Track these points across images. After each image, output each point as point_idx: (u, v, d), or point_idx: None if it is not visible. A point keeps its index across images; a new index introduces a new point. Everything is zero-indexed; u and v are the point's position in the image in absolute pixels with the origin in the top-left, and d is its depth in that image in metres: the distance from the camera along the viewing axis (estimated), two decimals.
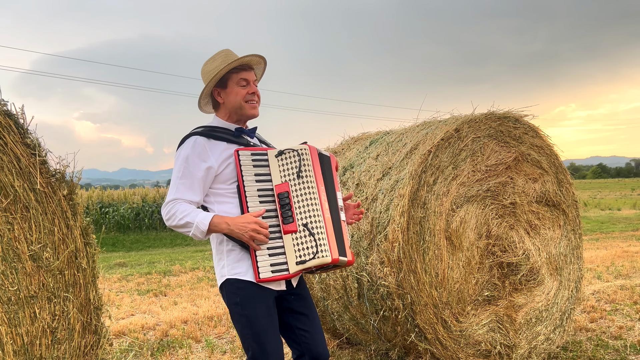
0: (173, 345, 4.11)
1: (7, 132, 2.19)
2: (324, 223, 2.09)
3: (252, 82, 2.27)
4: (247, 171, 2.11)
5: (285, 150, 2.15)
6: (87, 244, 2.44)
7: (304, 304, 2.25)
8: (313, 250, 2.05)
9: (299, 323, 2.22)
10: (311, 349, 2.20)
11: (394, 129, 4.03)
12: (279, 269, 2.07)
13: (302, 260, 2.05)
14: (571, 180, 4.09)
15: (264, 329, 2.08)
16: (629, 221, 16.80)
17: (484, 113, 3.57)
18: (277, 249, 2.08)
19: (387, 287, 3.08)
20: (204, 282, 7.11)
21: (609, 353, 3.72)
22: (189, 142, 2.16)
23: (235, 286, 2.11)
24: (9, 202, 2.20)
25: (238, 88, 2.24)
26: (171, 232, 16.82)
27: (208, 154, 2.13)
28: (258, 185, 2.12)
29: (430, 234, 3.22)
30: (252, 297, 2.09)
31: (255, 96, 2.28)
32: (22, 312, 2.21)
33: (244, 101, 2.24)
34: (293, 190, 2.10)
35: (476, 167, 3.50)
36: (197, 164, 2.11)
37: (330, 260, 2.05)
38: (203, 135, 2.17)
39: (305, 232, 2.06)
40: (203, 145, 2.14)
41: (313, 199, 2.10)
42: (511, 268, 3.65)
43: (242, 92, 2.24)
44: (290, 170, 2.12)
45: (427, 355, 3.16)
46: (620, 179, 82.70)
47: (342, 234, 2.17)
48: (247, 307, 2.09)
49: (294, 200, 2.09)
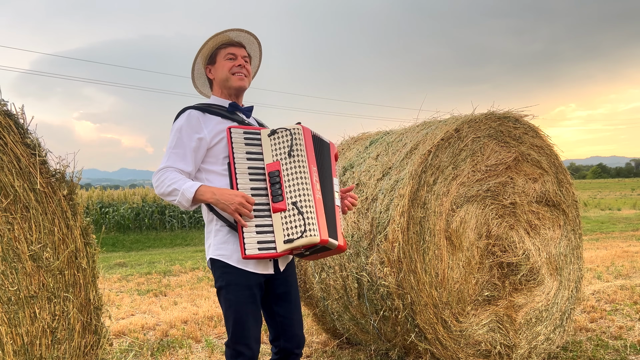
0: (173, 345, 4.11)
1: (7, 132, 2.19)
2: (313, 203, 2.07)
3: (240, 57, 2.31)
4: (238, 149, 2.11)
5: (278, 130, 2.14)
6: (87, 244, 2.44)
7: (287, 290, 2.29)
8: (301, 228, 2.02)
9: (279, 308, 2.28)
10: (287, 332, 2.28)
11: (394, 129, 4.03)
12: (266, 247, 2.06)
13: (289, 239, 2.02)
14: (571, 180, 4.09)
15: (245, 315, 2.13)
16: (629, 221, 16.80)
17: (484, 113, 3.57)
18: (266, 227, 2.07)
19: (387, 287, 3.08)
20: (204, 282, 7.11)
21: (609, 353, 3.72)
22: (184, 115, 2.21)
23: (221, 270, 2.16)
24: (9, 202, 2.20)
25: (225, 61, 2.29)
26: (171, 232, 16.82)
27: (201, 126, 2.18)
28: (249, 164, 2.12)
29: (430, 234, 3.22)
30: (237, 283, 2.13)
31: (243, 69, 2.31)
32: (22, 312, 2.21)
33: (230, 73, 2.28)
34: (284, 169, 2.09)
35: (476, 167, 3.50)
36: (190, 134, 2.16)
37: (318, 239, 2.01)
38: (198, 109, 2.22)
39: (294, 211, 2.04)
40: (197, 118, 2.18)
41: (303, 178, 2.08)
42: (511, 268, 3.65)
43: (228, 64, 2.29)
44: (282, 150, 2.12)
45: (427, 355, 3.16)
46: (620, 179, 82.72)
47: (334, 218, 2.16)
48: (230, 292, 2.14)
49: (285, 179, 2.08)
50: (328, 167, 2.24)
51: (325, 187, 2.18)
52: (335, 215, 2.17)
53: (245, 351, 2.14)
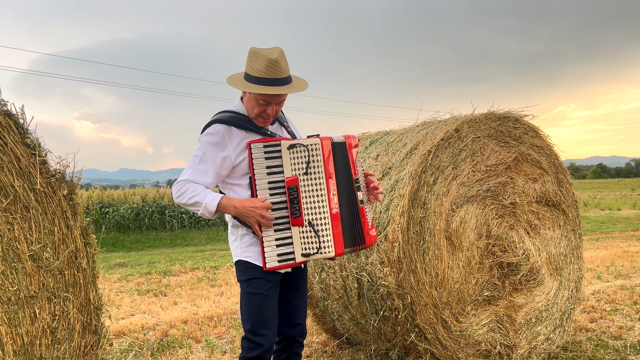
0: (173, 345, 4.11)
1: (7, 132, 2.19)
2: (329, 220, 2.19)
3: (273, 104, 2.24)
4: (258, 164, 2.18)
5: (296, 144, 2.20)
6: (87, 244, 2.44)
7: (299, 279, 2.45)
8: (316, 245, 2.18)
9: (288, 295, 2.42)
10: (291, 320, 2.42)
11: (394, 129, 4.03)
12: (286, 258, 2.20)
13: (306, 254, 2.19)
14: (571, 180, 4.09)
15: (264, 307, 2.27)
16: (629, 221, 16.80)
17: (484, 113, 3.57)
18: (286, 239, 2.21)
19: (387, 287, 3.08)
20: (204, 282, 7.11)
21: (609, 353, 3.72)
22: (210, 129, 2.26)
23: (244, 266, 2.30)
24: (9, 202, 2.20)
25: (256, 103, 2.24)
26: (171, 232, 16.82)
27: (226, 143, 2.23)
28: (269, 178, 2.20)
29: (430, 234, 3.22)
30: (258, 278, 2.27)
31: (270, 117, 2.28)
32: (22, 312, 2.21)
33: (256, 114, 2.28)
34: (302, 185, 2.19)
35: (476, 167, 3.50)
36: (215, 152, 2.23)
37: (333, 255, 2.19)
38: (224, 123, 2.25)
39: (309, 229, 2.18)
40: (222, 134, 2.23)
41: (319, 196, 2.19)
42: (511, 268, 3.65)
43: (258, 108, 2.25)
44: (300, 165, 2.20)
45: (427, 355, 3.16)
46: (620, 179, 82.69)
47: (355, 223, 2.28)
48: (251, 285, 2.27)
49: (303, 195, 2.18)
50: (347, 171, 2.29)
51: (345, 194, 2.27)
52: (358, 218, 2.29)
53: (263, 342, 2.25)
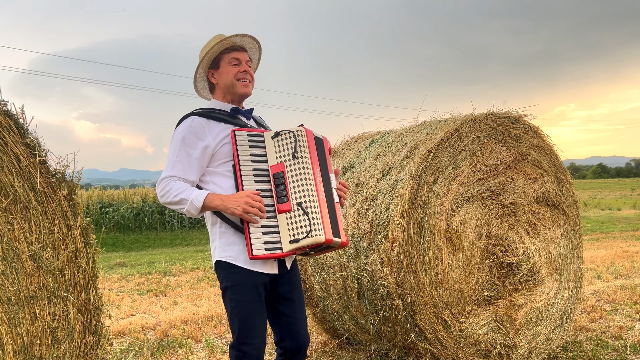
0: (173, 345, 4.11)
1: (7, 132, 2.19)
2: (318, 203, 2.11)
3: (244, 62, 2.31)
4: (243, 151, 2.13)
5: (281, 132, 2.17)
6: (87, 244, 2.44)
7: (293, 290, 2.31)
8: (306, 229, 2.06)
9: (284, 308, 2.28)
10: (292, 332, 2.28)
11: (394, 129, 4.03)
12: (272, 247, 2.09)
13: (295, 239, 2.07)
14: (571, 180, 4.09)
15: (251, 314, 2.14)
16: (629, 221, 16.80)
17: (484, 113, 3.57)
18: (271, 227, 2.10)
19: (387, 287, 3.08)
20: (204, 282, 7.11)
21: (609, 353, 3.72)
22: (187, 121, 2.20)
23: (227, 271, 2.16)
24: (9, 202, 2.20)
25: (229, 67, 2.28)
26: (171, 232, 16.82)
27: (205, 133, 2.17)
28: (254, 165, 2.14)
29: (430, 234, 3.22)
30: (243, 283, 2.14)
31: (248, 75, 2.31)
32: (22, 312, 2.21)
33: (236, 79, 2.28)
34: (288, 170, 2.12)
35: (476, 167, 3.50)
36: (194, 142, 2.15)
37: (323, 239, 2.06)
38: (201, 116, 2.21)
39: (300, 212, 2.08)
40: (201, 125, 2.18)
41: (308, 180, 2.11)
42: (511, 268, 3.65)
43: (233, 70, 2.28)
44: (286, 151, 2.14)
45: (427, 355, 3.16)
46: (620, 179, 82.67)
47: (335, 216, 2.19)
48: (236, 292, 2.15)
49: (289, 181, 2.11)
50: (325, 165, 2.27)
51: (326, 186, 2.21)
52: (336, 213, 2.20)
53: (251, 351, 2.14)
